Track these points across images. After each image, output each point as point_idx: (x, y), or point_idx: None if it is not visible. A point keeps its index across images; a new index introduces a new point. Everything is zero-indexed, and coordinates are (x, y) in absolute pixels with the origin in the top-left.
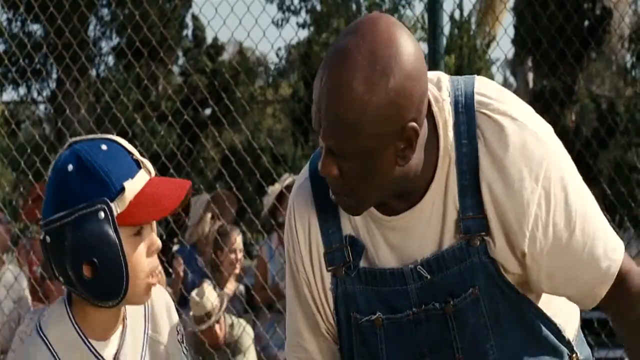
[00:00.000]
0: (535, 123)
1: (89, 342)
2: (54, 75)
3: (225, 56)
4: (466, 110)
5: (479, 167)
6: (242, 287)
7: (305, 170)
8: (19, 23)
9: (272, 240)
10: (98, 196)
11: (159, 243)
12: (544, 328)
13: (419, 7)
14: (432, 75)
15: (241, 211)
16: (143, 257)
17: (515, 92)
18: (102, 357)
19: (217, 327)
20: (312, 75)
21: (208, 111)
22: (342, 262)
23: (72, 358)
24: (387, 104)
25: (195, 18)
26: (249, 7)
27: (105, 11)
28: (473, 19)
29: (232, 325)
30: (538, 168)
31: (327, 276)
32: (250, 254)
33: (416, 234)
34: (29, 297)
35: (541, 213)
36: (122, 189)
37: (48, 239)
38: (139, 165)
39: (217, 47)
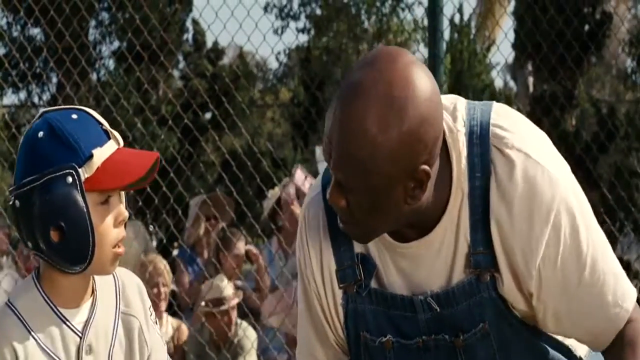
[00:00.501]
0: (550, 160)
1: (57, 309)
2: (54, 79)
3: (226, 60)
4: (481, 142)
5: (489, 202)
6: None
7: (317, 184)
8: (19, 27)
9: (272, 244)
10: (67, 161)
11: (125, 214)
12: (553, 352)
13: (418, 11)
14: (449, 101)
15: (241, 215)
16: (109, 226)
17: (516, 96)
18: (70, 322)
19: (229, 317)
20: (311, 79)
21: (208, 115)
22: (353, 280)
23: (40, 324)
24: (399, 147)
25: (195, 22)
26: (249, 11)
27: (105, 15)
28: (473, 23)
29: (236, 325)
30: (548, 209)
31: (339, 292)
32: (250, 258)
33: (426, 264)
34: None
35: (549, 255)
36: (91, 156)
37: (17, 203)
38: (108, 135)
39: (217, 51)
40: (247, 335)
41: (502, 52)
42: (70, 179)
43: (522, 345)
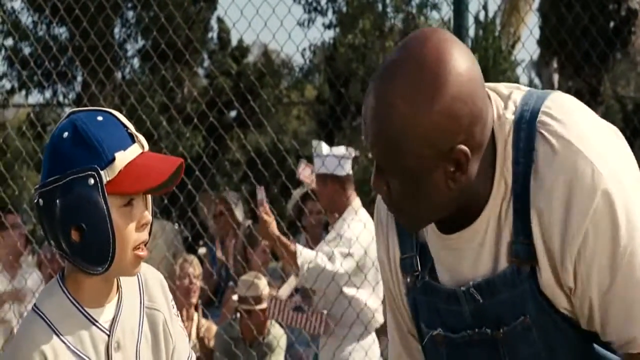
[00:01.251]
0: (598, 151)
1: (84, 309)
2: (80, 78)
3: (251, 58)
4: (528, 127)
5: (529, 190)
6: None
7: None
8: (44, 26)
9: (299, 242)
10: (89, 163)
11: (148, 218)
12: (603, 353)
13: (444, 9)
14: (507, 89)
15: None
16: (131, 229)
17: None
18: (98, 322)
19: (264, 315)
20: (337, 76)
21: (233, 113)
22: (412, 270)
23: (68, 326)
24: (431, 126)
25: (220, 20)
26: (274, 9)
27: (130, 14)
28: (498, 20)
29: (269, 325)
30: (588, 202)
31: (402, 281)
32: (275, 256)
33: (469, 255)
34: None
35: (585, 250)
36: (113, 159)
37: (41, 202)
38: (133, 139)
39: (242, 49)
40: (276, 334)
41: (527, 48)
42: (92, 181)
43: (567, 344)
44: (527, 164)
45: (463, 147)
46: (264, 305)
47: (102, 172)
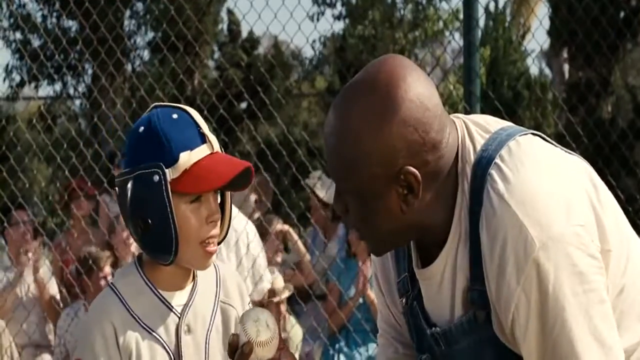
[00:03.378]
0: (535, 217)
1: (157, 290)
2: (90, 71)
3: (261, 50)
4: (481, 177)
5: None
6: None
7: None
8: (54, 19)
9: (310, 234)
10: (157, 160)
11: (216, 215)
12: None
13: (454, 0)
14: (477, 122)
15: (277, 204)
16: (197, 224)
17: (551, 83)
18: (170, 303)
19: (279, 310)
20: (347, 68)
21: (244, 105)
22: (404, 292)
23: (141, 304)
24: (380, 145)
25: (230, 12)
26: (284, 0)
27: (140, 6)
28: (508, 11)
29: (284, 320)
30: (519, 270)
31: (399, 302)
32: (287, 247)
33: (433, 294)
34: (58, 299)
35: (519, 317)
36: (178, 158)
37: (118, 190)
38: (204, 139)
39: (252, 41)
40: (292, 331)
41: (537, 39)
42: (157, 178)
43: None
44: (479, 215)
45: (412, 169)
46: (279, 298)
47: (166, 170)
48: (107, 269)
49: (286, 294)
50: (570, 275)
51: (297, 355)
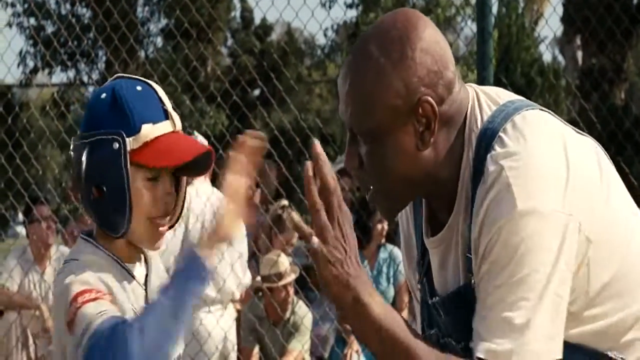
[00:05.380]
0: (528, 183)
1: (123, 262)
2: (103, 57)
3: (274, 37)
4: (484, 150)
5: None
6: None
7: None
8: (68, 5)
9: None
10: (117, 128)
11: (172, 197)
12: None
13: None
14: (487, 93)
15: (290, 191)
16: (149, 200)
17: (564, 70)
18: (135, 276)
19: (287, 292)
20: None
21: (257, 92)
22: (419, 270)
23: (110, 278)
24: (402, 72)
25: (243, 0)
26: None
27: None
28: None
29: (292, 304)
30: (494, 224)
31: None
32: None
33: (441, 262)
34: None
35: (479, 268)
36: (139, 129)
37: (71, 154)
38: (167, 116)
39: (265, 28)
40: (301, 314)
41: (550, 25)
42: (116, 145)
43: None
44: (478, 184)
45: (430, 99)
46: (286, 281)
47: (127, 140)
48: None
49: (292, 277)
50: (534, 253)
51: (308, 338)
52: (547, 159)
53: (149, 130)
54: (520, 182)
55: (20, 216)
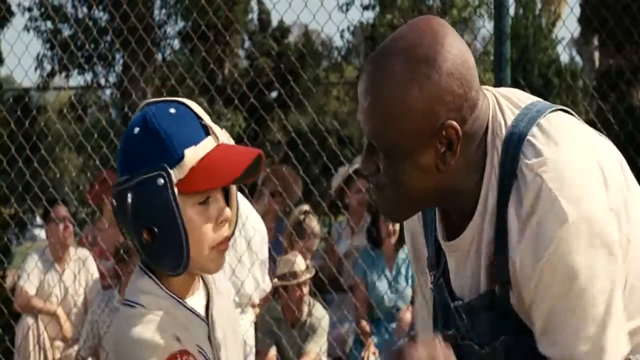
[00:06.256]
0: (569, 193)
1: (184, 302)
2: (120, 60)
3: (291, 39)
4: (512, 155)
5: (507, 216)
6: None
7: None
8: (84, 9)
9: (340, 222)
10: (159, 161)
11: (227, 213)
12: None
13: None
14: (507, 96)
15: (308, 193)
16: (208, 227)
17: (581, 71)
18: (197, 313)
19: (301, 292)
20: None
21: (274, 94)
22: (432, 268)
23: (174, 321)
24: (427, 95)
25: (260, 2)
26: None
27: None
28: None
29: (309, 305)
30: (547, 244)
31: (430, 277)
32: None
33: (459, 267)
34: (98, 282)
35: (537, 295)
36: (183, 156)
37: (114, 202)
38: (207, 131)
39: (282, 30)
40: (318, 316)
41: (567, 26)
42: (161, 181)
43: None
44: (509, 191)
45: (454, 123)
46: (300, 279)
47: (171, 172)
48: None
49: (307, 276)
50: (597, 256)
51: (325, 339)
52: (583, 163)
53: (192, 154)
54: (565, 194)
55: (38, 219)
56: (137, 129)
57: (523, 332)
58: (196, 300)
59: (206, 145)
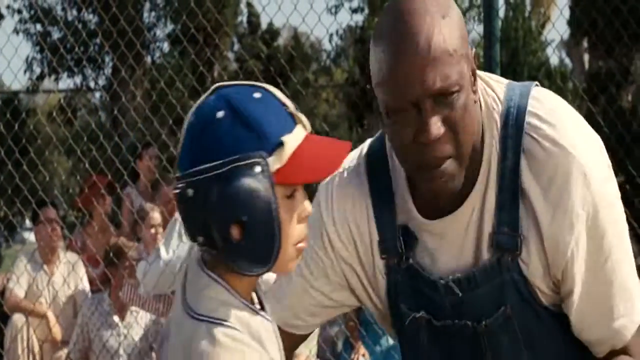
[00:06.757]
0: (586, 157)
1: (265, 315)
2: (110, 63)
3: (280, 41)
4: (516, 126)
5: (519, 185)
6: None
7: (354, 157)
8: (74, 11)
9: None
10: (253, 148)
11: (309, 209)
12: (578, 343)
13: None
14: (489, 78)
15: None
16: (294, 222)
17: (571, 73)
18: (268, 318)
19: None
20: (366, 59)
21: None
22: (395, 253)
23: (248, 330)
24: (459, 22)
25: (249, 5)
26: None
27: None
28: (528, 0)
29: None
30: (580, 206)
31: (380, 263)
32: None
33: (451, 242)
34: (87, 286)
35: (577, 252)
36: (280, 143)
37: (190, 192)
38: (294, 119)
39: (272, 33)
40: None
41: (557, 29)
42: (258, 169)
43: (544, 332)
44: (516, 162)
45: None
46: None
47: (268, 160)
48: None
49: None
50: (618, 212)
51: (315, 342)
52: (587, 129)
53: (290, 143)
54: (583, 157)
55: (28, 222)
56: (221, 113)
57: (523, 301)
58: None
59: (298, 134)
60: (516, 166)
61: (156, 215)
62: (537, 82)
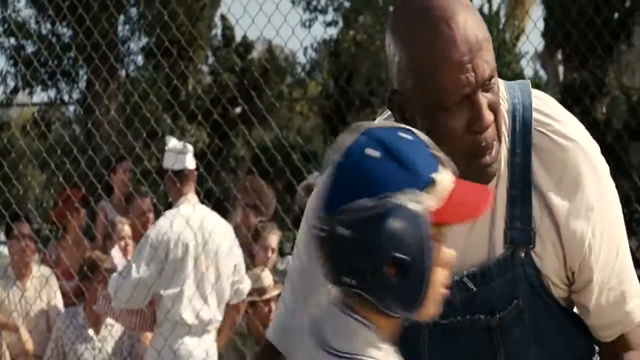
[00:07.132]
0: (592, 146)
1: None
2: (84, 77)
3: (255, 54)
4: (524, 123)
5: (531, 179)
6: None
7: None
8: (48, 25)
9: None
10: (408, 186)
11: (453, 253)
12: (586, 337)
13: None
14: None
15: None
16: (440, 266)
17: (546, 85)
18: None
19: (269, 308)
20: (340, 72)
21: (238, 110)
22: None
23: None
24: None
25: (224, 18)
26: (278, 5)
27: (133, 11)
28: (502, 13)
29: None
30: (593, 197)
31: None
32: (282, 252)
33: (461, 240)
34: (61, 300)
35: (594, 241)
36: (432, 181)
37: (346, 231)
38: (438, 161)
39: (246, 45)
40: None
41: (531, 41)
42: (418, 207)
43: (553, 325)
44: (526, 158)
45: None
46: (269, 295)
47: (424, 198)
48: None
49: (275, 292)
50: (616, 197)
51: None
52: (580, 125)
53: (444, 182)
54: (596, 154)
55: (2, 236)
56: (375, 152)
57: (535, 294)
58: None
59: (446, 174)
60: (526, 162)
61: (126, 228)
62: (529, 81)
